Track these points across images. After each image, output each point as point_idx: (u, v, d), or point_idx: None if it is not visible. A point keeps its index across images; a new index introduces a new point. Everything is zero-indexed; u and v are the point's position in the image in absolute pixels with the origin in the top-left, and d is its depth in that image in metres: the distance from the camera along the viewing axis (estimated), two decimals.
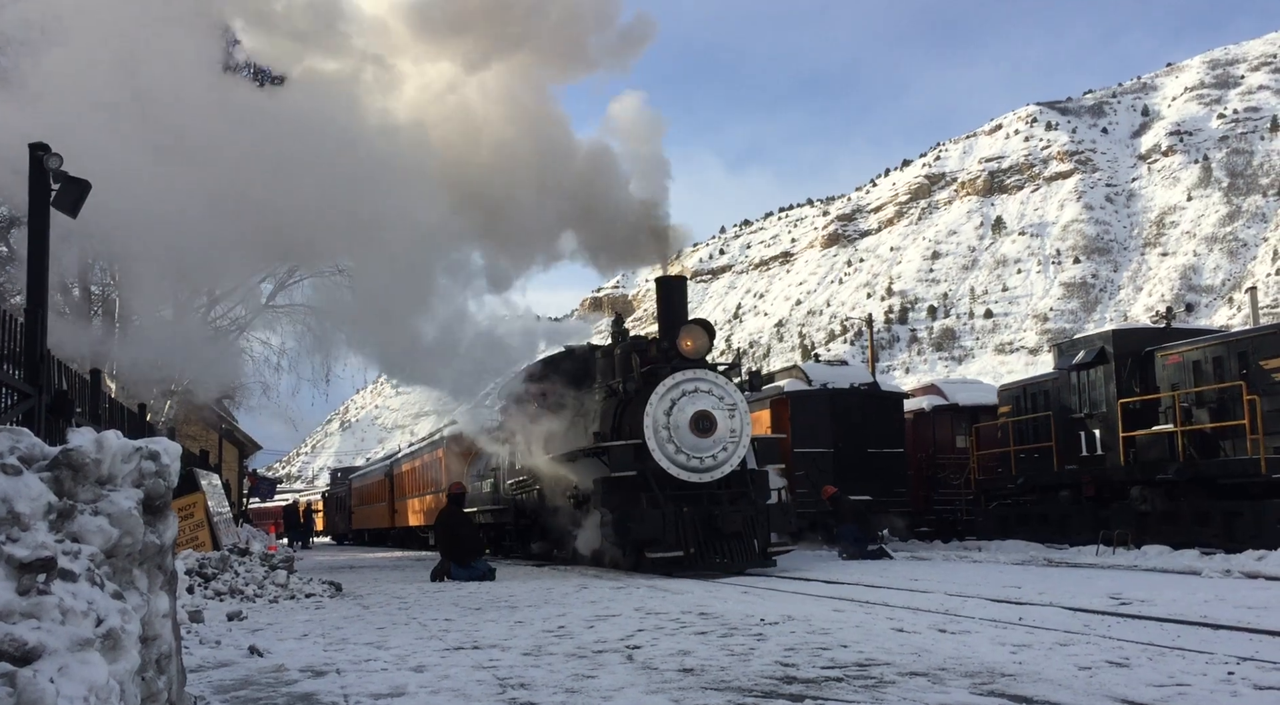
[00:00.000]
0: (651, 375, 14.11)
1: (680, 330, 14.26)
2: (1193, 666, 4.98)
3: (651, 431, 13.57)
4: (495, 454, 20.70)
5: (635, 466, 13.58)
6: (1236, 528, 13.98)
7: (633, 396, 14.22)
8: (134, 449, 3.44)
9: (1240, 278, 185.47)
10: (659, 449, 13.57)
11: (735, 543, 13.17)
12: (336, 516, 52.77)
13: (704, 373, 14.04)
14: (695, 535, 13.04)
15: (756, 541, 13.33)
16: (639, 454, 13.64)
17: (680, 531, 13.00)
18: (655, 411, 13.64)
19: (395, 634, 7.25)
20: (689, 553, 12.89)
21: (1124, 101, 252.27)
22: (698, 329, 14.46)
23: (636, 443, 13.68)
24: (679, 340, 14.17)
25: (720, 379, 14.10)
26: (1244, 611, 7.29)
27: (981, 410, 21.80)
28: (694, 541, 12.98)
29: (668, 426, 13.64)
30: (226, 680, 5.33)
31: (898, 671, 4.99)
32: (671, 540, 12.94)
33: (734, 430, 13.82)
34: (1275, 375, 14.09)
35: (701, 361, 14.25)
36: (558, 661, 5.62)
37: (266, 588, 10.63)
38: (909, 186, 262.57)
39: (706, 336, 14.41)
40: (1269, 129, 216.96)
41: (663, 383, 13.79)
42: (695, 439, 13.60)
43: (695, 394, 13.82)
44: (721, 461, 13.77)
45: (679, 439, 13.60)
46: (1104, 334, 17.76)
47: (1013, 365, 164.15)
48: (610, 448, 13.96)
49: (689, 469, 13.63)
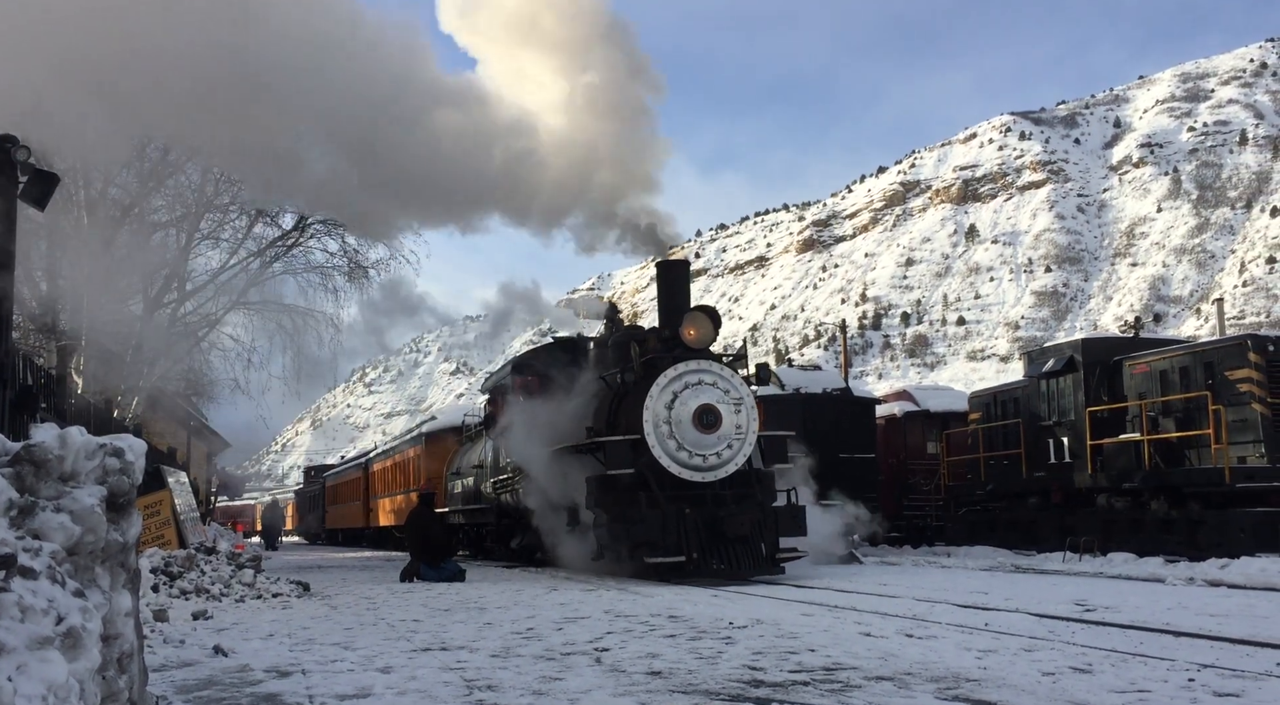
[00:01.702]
0: (651, 366, 13.18)
1: (683, 318, 13.30)
2: (1154, 673, 5.04)
3: (651, 426, 12.66)
4: (477, 450, 19.96)
5: (633, 464, 12.64)
6: (1200, 536, 14.15)
7: (631, 389, 13.30)
8: (98, 445, 3.40)
9: (1208, 289, 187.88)
10: (659, 445, 12.67)
11: (741, 547, 12.31)
12: (310, 516, 52.20)
13: (708, 364, 13.13)
14: (698, 539, 12.17)
15: (764, 546, 12.49)
16: (637, 450, 12.72)
17: (682, 534, 12.10)
18: (655, 405, 12.73)
19: (363, 635, 7.21)
20: (691, 558, 12.01)
21: (1096, 113, 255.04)
22: (702, 317, 13.45)
23: (634, 438, 12.74)
24: (681, 328, 13.21)
25: (726, 371, 13.20)
26: (1206, 619, 7.39)
27: (952, 417, 21.95)
28: (696, 546, 12.11)
29: (669, 421, 12.73)
30: (190, 680, 5.28)
31: (864, 676, 5.02)
32: (672, 544, 12.03)
33: (740, 426, 12.92)
34: (1240, 386, 14.29)
35: (706, 352, 13.33)
36: (526, 663, 5.61)
37: (233, 587, 10.54)
38: (884, 193, 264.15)
39: (711, 325, 13.45)
40: (1238, 142, 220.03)
41: (664, 374, 12.87)
42: (698, 435, 12.70)
43: (699, 387, 12.91)
44: (726, 460, 12.87)
45: (681, 435, 12.71)
46: (1073, 343, 17.94)
47: (984, 372, 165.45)
48: (606, 443, 12.96)
49: (691, 467, 12.74)
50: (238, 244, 19.35)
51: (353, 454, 66.94)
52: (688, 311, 13.46)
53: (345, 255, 19.78)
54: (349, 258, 19.77)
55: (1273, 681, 4.79)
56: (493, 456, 18.20)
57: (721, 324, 13.85)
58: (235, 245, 19.36)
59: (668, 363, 13.01)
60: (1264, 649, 5.88)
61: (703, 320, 13.37)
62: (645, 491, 12.45)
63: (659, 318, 13.97)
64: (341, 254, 19.82)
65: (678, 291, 13.96)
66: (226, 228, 19.51)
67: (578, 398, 14.63)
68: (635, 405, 12.93)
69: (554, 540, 14.72)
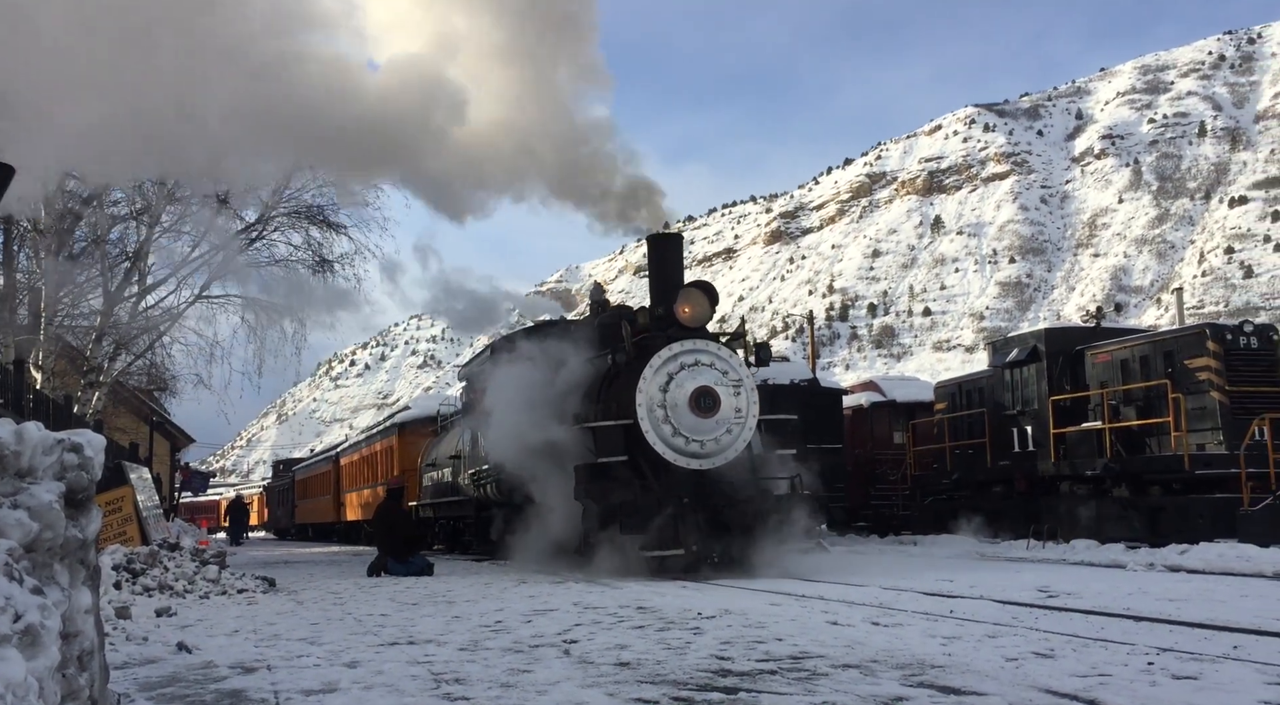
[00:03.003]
0: (644, 346, 12.31)
1: (678, 294, 12.42)
2: (1115, 657, 5.12)
3: (645, 410, 11.80)
4: (454, 440, 19.23)
5: (625, 451, 11.84)
6: (1161, 522, 14.38)
7: (622, 370, 12.39)
8: (55, 441, 3.35)
9: (1168, 279, 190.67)
10: (653, 430, 11.81)
11: (744, 539, 11.51)
12: (279, 510, 51.64)
13: (705, 343, 12.29)
14: (697, 531, 11.38)
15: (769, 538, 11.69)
16: (629, 436, 11.87)
17: (680, 526, 11.31)
18: (649, 387, 11.87)
19: (329, 630, 7.16)
20: (690, 551, 11.21)
21: (1059, 105, 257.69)
22: (698, 293, 12.55)
23: (627, 423, 11.88)
24: (676, 306, 12.33)
25: (724, 351, 12.37)
26: (1165, 604, 7.51)
27: (919, 407, 22.17)
28: (696, 538, 11.33)
29: (664, 405, 11.86)
30: (153, 677, 5.22)
31: (831, 664, 5.06)
32: (669, 536, 11.23)
33: (739, 409, 12.09)
34: (1199, 374, 14.53)
35: (702, 331, 12.47)
36: (494, 656, 5.60)
37: (197, 583, 10.43)
38: (850, 185, 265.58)
39: (708, 302, 12.56)
40: (1197, 134, 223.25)
41: (657, 355, 12.00)
42: (695, 419, 11.83)
43: (695, 367, 12.04)
44: (725, 446, 12.00)
45: (677, 419, 11.84)
46: (1036, 333, 18.15)
47: (950, 363, 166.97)
48: (596, 429, 12.12)
49: (688, 454, 11.87)
50: (200, 237, 19.12)
51: (321, 448, 66.35)
52: (682, 288, 12.61)
53: (309, 248, 19.61)
54: (313, 251, 19.60)
55: (1229, 664, 4.88)
56: (470, 446, 17.46)
57: (719, 301, 12.98)
58: (197, 238, 19.13)
59: (662, 342, 12.16)
60: (1221, 632, 5.99)
61: (698, 297, 12.51)
62: (639, 480, 11.73)
63: (650, 295, 13.11)
64: (306, 247, 19.65)
65: (670, 267, 13.08)
66: (188, 220, 19.28)
67: (564, 381, 13.58)
68: (627, 388, 12.10)
69: (535, 534, 13.84)
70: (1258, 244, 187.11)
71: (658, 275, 13.04)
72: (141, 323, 18.76)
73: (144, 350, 19.91)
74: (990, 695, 4.20)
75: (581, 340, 13.75)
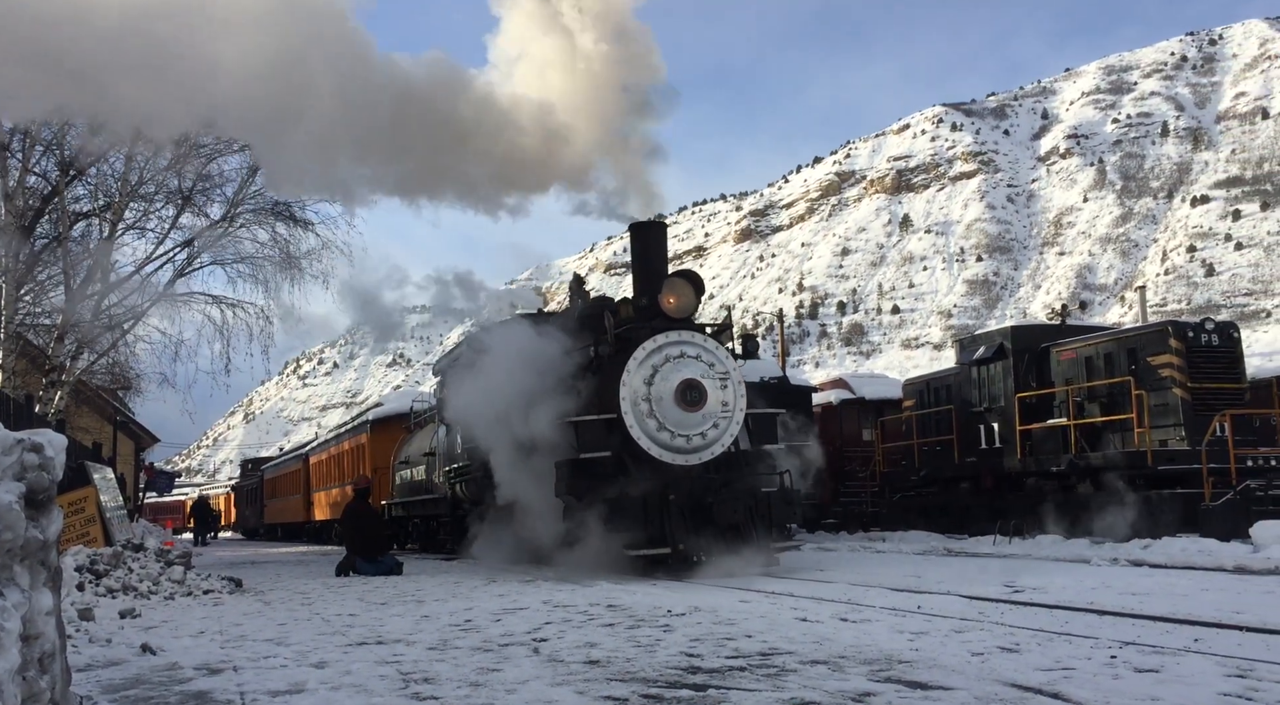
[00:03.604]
0: (628, 338, 11.95)
1: (662, 284, 12.04)
2: (1079, 651, 5.18)
3: (629, 404, 11.43)
4: (428, 437, 18.90)
5: (608, 446, 11.44)
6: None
7: (605, 363, 11.99)
8: (15, 441, 3.30)
9: (1132, 277, 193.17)
10: (637, 424, 11.43)
11: (733, 537, 11.11)
12: (247, 510, 51.06)
13: (690, 335, 11.92)
14: (684, 528, 10.98)
15: (758, 536, 11.32)
16: (613, 431, 11.49)
17: (666, 524, 10.94)
18: (633, 380, 11.50)
19: (296, 630, 7.11)
20: (677, 549, 10.82)
21: (1025, 104, 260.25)
22: (682, 283, 12.17)
23: (610, 417, 11.51)
24: (660, 296, 11.94)
25: (710, 342, 12.01)
26: (1128, 598, 7.61)
27: (887, 404, 22.31)
28: (683, 536, 10.93)
29: (648, 398, 11.49)
30: (116, 679, 5.16)
31: (799, 660, 5.08)
32: (656, 534, 10.87)
33: (726, 403, 11.73)
34: (1161, 371, 14.73)
35: (688, 322, 12.11)
36: (463, 655, 5.58)
37: (162, 584, 10.31)
38: (820, 183, 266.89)
39: (693, 292, 12.19)
40: (1160, 134, 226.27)
41: (641, 347, 11.63)
42: (681, 413, 11.47)
43: (681, 360, 11.68)
44: (712, 440, 11.64)
45: (662, 413, 11.47)
46: (1003, 330, 18.33)
47: (918, 360, 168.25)
48: (578, 423, 11.63)
49: (673, 449, 11.49)
50: (164, 234, 18.89)
51: (290, 446, 65.68)
52: (666, 277, 12.22)
53: (276, 245, 19.42)
54: (280, 248, 19.41)
55: (1191, 657, 4.95)
56: (446, 443, 17.00)
57: (705, 291, 12.57)
58: (161, 235, 18.90)
59: (646, 334, 11.78)
60: (1182, 626, 6.08)
61: (684, 287, 12.14)
62: (623, 476, 11.28)
63: (634, 285, 12.66)
64: (272, 244, 19.46)
65: (654, 256, 12.63)
66: (152, 217, 19.04)
67: (544, 374, 12.82)
68: (610, 381, 11.71)
69: (517, 531, 13.52)
70: (1219, 243, 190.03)
71: (641, 265, 12.64)
72: (104, 321, 18.50)
73: (107, 349, 19.64)
74: (956, 689, 4.24)
75: (562, 332, 13.09)
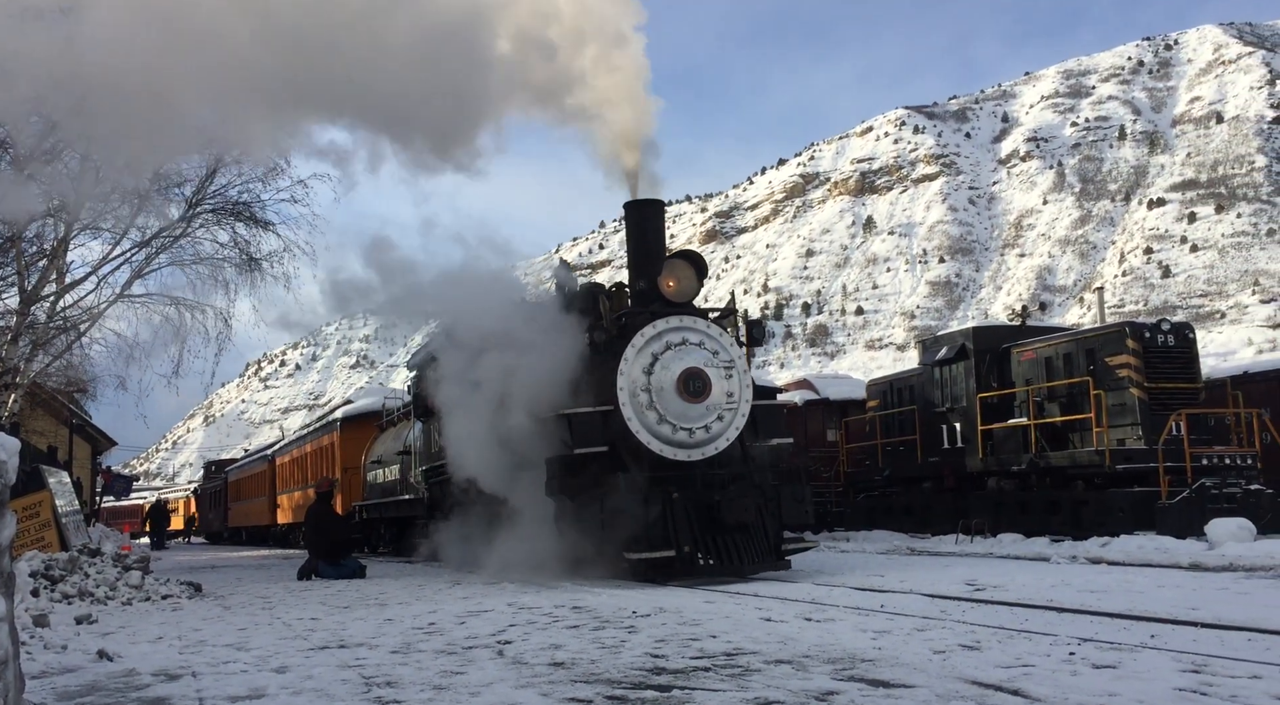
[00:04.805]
0: (625, 324, 11.15)
1: (662, 266, 11.18)
2: (1038, 648, 5.25)
3: (627, 395, 10.62)
4: (403, 435, 18.19)
5: (605, 440, 10.63)
6: (1083, 516, 14.77)
7: (601, 351, 11.06)
8: None
9: (1090, 278, 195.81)
10: (636, 417, 10.62)
11: (742, 538, 10.33)
12: (211, 514, 50.25)
13: (694, 321, 11.11)
14: (689, 529, 10.16)
15: (769, 536, 10.57)
16: (609, 425, 10.67)
17: (670, 524, 10.09)
18: (631, 370, 10.68)
19: (257, 634, 7.03)
20: (683, 552, 10.02)
21: (986, 108, 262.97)
22: (683, 265, 11.29)
23: (606, 409, 10.69)
24: (660, 279, 11.08)
25: (714, 328, 11.19)
26: (1087, 595, 7.71)
27: (851, 404, 22.47)
28: (688, 537, 10.12)
29: (648, 388, 10.67)
30: (72, 686, 5.07)
31: (764, 660, 5.10)
32: (658, 536, 10.02)
33: (731, 394, 10.92)
34: (1119, 371, 14.94)
35: (689, 306, 11.30)
36: (426, 658, 5.54)
37: (119, 590, 10.16)
38: (784, 185, 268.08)
39: (695, 274, 11.34)
40: (1117, 137, 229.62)
41: (640, 333, 10.81)
42: (683, 405, 10.63)
43: (683, 347, 10.86)
44: (716, 434, 10.85)
45: (663, 404, 10.64)
46: (965, 331, 18.52)
47: (882, 361, 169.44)
48: (571, 416, 10.75)
49: (675, 443, 10.68)
50: (120, 234, 18.58)
51: (254, 447, 64.82)
52: (666, 259, 11.35)
53: (236, 246, 19.16)
54: (240, 249, 19.15)
55: (1147, 653, 5.03)
56: (422, 440, 16.11)
57: (707, 273, 11.72)
58: (118, 236, 18.59)
59: (645, 319, 10.97)
60: (1139, 622, 6.18)
61: (685, 269, 11.25)
62: (622, 473, 10.49)
63: (629, 268, 11.82)
64: (232, 245, 19.19)
65: (652, 236, 11.68)
66: (108, 217, 18.71)
67: (532, 365, 11.68)
68: (606, 371, 10.87)
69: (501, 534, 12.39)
70: (1175, 244, 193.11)
71: (638, 246, 11.75)
72: (60, 323, 18.18)
73: (62, 351, 19.29)
74: (918, 687, 4.27)
75: (550, 319, 12.03)
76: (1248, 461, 14.28)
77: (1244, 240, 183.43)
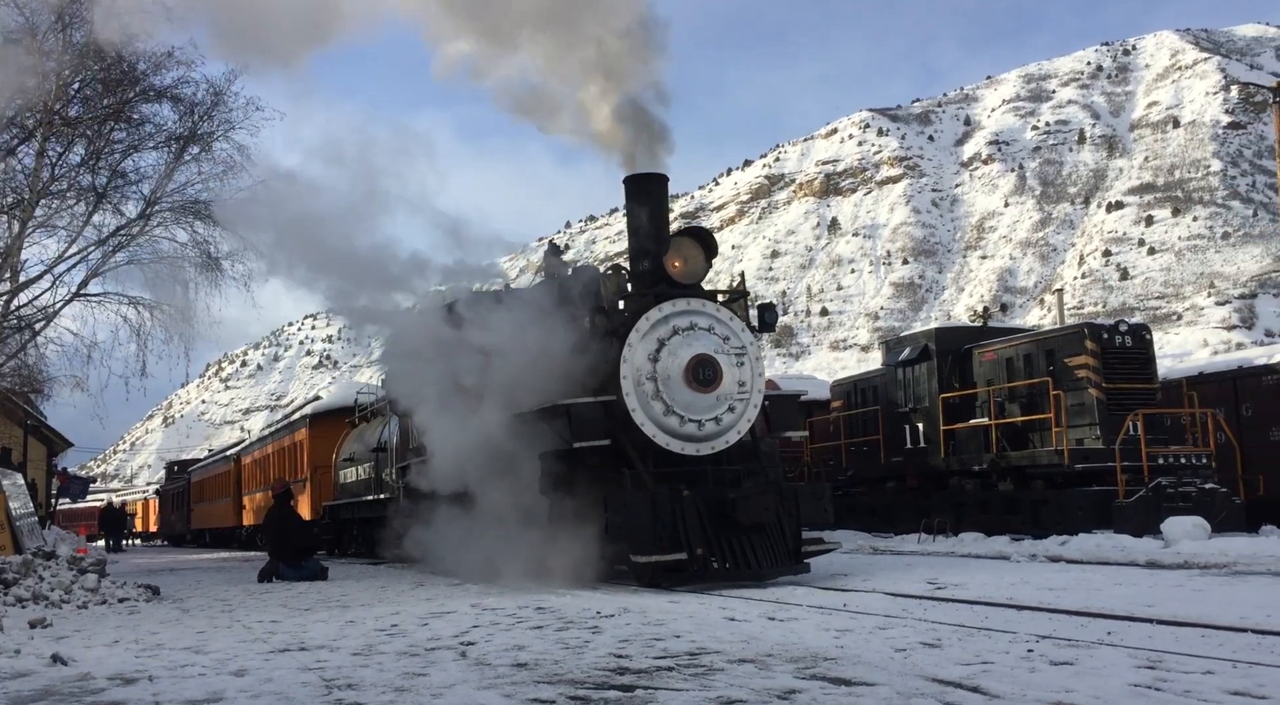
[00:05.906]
0: (629, 307, 10.42)
1: (668, 244, 10.34)
2: (997, 645, 5.30)
3: (632, 384, 9.82)
4: (377, 431, 17.42)
5: (607, 433, 9.86)
6: (1043, 514, 14.96)
7: (601, 337, 10.27)
8: None
9: (1050, 280, 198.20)
10: (641, 408, 9.81)
11: (759, 539, 9.59)
12: (173, 515, 49.38)
13: (703, 304, 10.33)
14: (701, 530, 9.41)
15: (787, 537, 9.84)
16: (612, 415, 9.89)
17: (681, 524, 9.32)
18: (636, 356, 9.87)
19: (216, 637, 6.94)
20: (695, 555, 9.28)
21: (948, 111, 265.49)
22: (691, 243, 10.45)
23: (608, 399, 9.90)
24: (666, 258, 10.23)
25: (724, 313, 10.38)
26: (1045, 593, 7.81)
27: (816, 405, 22.56)
28: (700, 539, 9.38)
29: (654, 377, 9.85)
30: (24, 691, 4.98)
31: (727, 659, 5.12)
32: (668, 537, 9.25)
33: (744, 383, 10.14)
34: (1078, 372, 15.15)
35: (697, 288, 10.47)
36: (388, 660, 5.50)
37: (74, 593, 9.99)
38: (750, 186, 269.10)
39: (703, 253, 10.51)
40: (1077, 141, 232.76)
41: (645, 317, 9.98)
42: (692, 394, 9.87)
43: (691, 333, 10.05)
44: (727, 427, 10.07)
45: (670, 394, 9.85)
46: (927, 332, 18.70)
47: (846, 361, 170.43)
48: (570, 407, 9.88)
49: (683, 436, 9.90)
50: (76, 232, 18.28)
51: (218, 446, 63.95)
52: (672, 237, 10.51)
53: (196, 246, 18.91)
54: (200, 248, 18.91)
55: (1103, 649, 5.10)
56: (399, 437, 15.32)
57: (717, 252, 10.84)
58: (74, 234, 18.29)
59: (650, 302, 10.14)
60: (1096, 619, 6.26)
61: (693, 248, 10.41)
62: (626, 469, 9.82)
63: (630, 248, 10.98)
64: (192, 244, 18.95)
65: (656, 214, 10.73)
66: (64, 215, 18.40)
67: (523, 352, 10.67)
68: (608, 358, 10.12)
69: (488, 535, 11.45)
70: (1133, 247, 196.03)
71: (640, 224, 10.79)
72: (14, 322, 17.86)
73: (16, 351, 18.96)
74: (879, 685, 4.30)
75: (542, 304, 11.02)
76: (1202, 461, 14.53)
77: (1200, 243, 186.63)
